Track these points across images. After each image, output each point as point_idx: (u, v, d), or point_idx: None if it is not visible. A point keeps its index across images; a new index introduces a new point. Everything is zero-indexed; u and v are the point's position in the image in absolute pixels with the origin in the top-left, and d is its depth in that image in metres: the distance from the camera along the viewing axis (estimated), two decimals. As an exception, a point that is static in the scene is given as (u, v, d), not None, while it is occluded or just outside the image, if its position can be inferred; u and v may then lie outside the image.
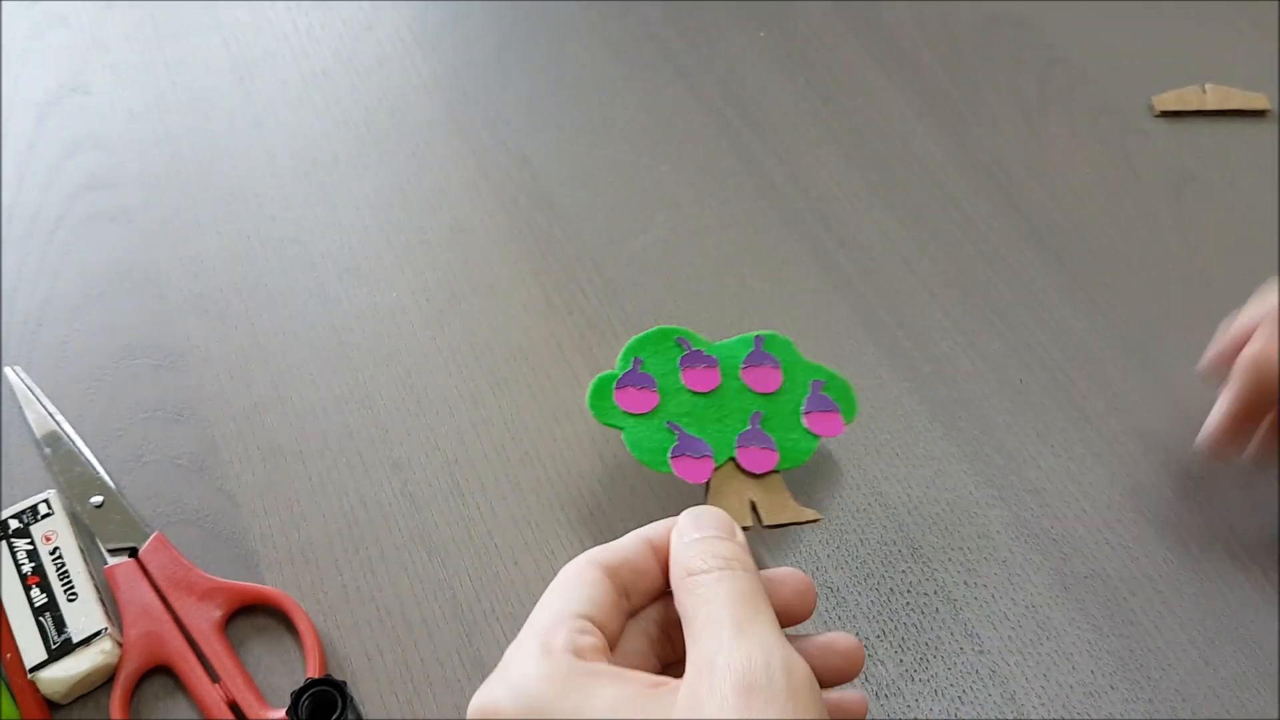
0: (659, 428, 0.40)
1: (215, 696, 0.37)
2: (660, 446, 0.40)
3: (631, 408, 0.41)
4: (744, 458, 0.41)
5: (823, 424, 0.42)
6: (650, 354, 0.42)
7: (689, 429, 0.41)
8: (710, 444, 0.41)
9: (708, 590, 0.30)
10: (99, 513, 0.42)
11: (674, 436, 0.40)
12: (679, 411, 0.41)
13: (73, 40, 0.59)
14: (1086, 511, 0.43)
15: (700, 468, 0.40)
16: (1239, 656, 0.39)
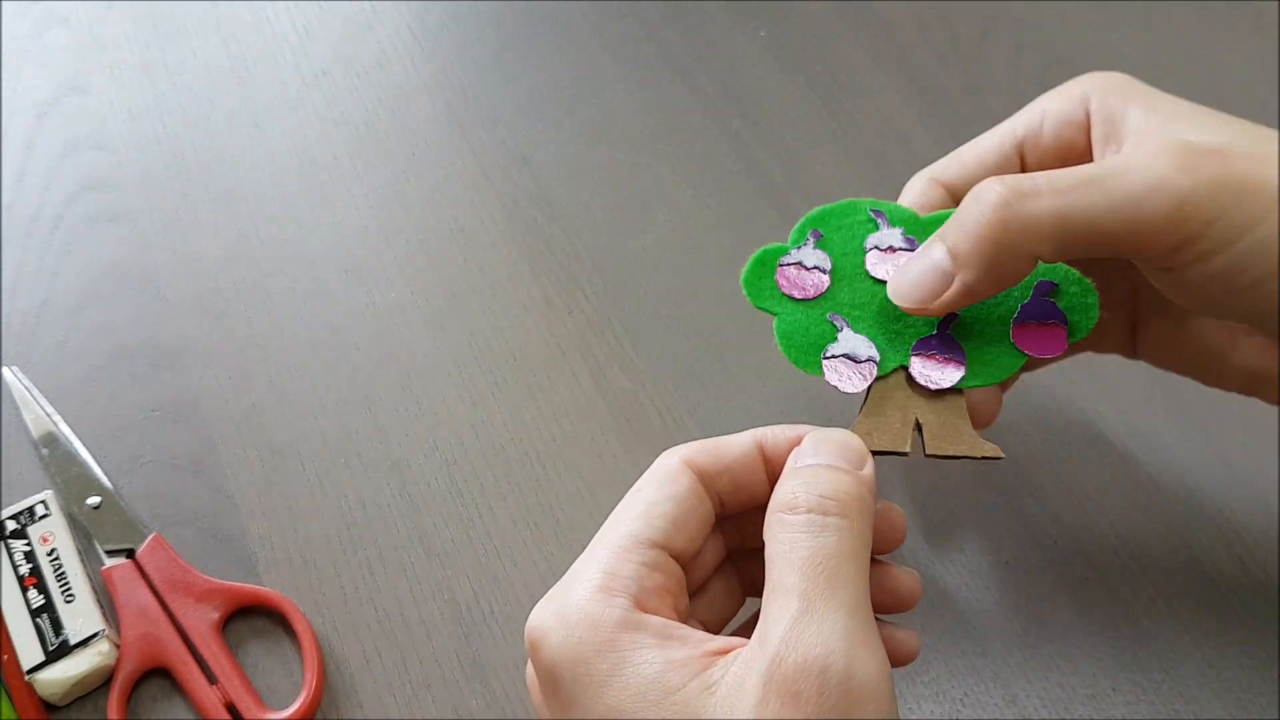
0: (820, 319, 0.34)
1: (213, 698, 0.37)
2: (816, 342, 0.34)
3: (793, 291, 0.34)
4: (919, 368, 0.33)
5: (1038, 340, 0.33)
6: (833, 229, 0.35)
7: (857, 325, 0.34)
8: (879, 346, 0.33)
9: (789, 540, 0.26)
10: (96, 514, 0.42)
11: (835, 332, 0.34)
12: (851, 301, 0.34)
13: (72, 40, 0.59)
14: (1088, 513, 0.42)
15: (858, 373, 0.33)
16: (1241, 658, 0.39)
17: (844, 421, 0.41)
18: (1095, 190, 0.29)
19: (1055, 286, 0.34)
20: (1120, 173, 0.29)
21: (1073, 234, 0.29)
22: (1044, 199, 0.29)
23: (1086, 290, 0.34)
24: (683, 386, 0.46)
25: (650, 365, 0.46)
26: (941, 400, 0.33)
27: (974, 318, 0.34)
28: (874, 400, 0.33)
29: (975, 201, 0.30)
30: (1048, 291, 0.34)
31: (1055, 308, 0.34)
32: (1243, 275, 0.29)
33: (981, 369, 0.33)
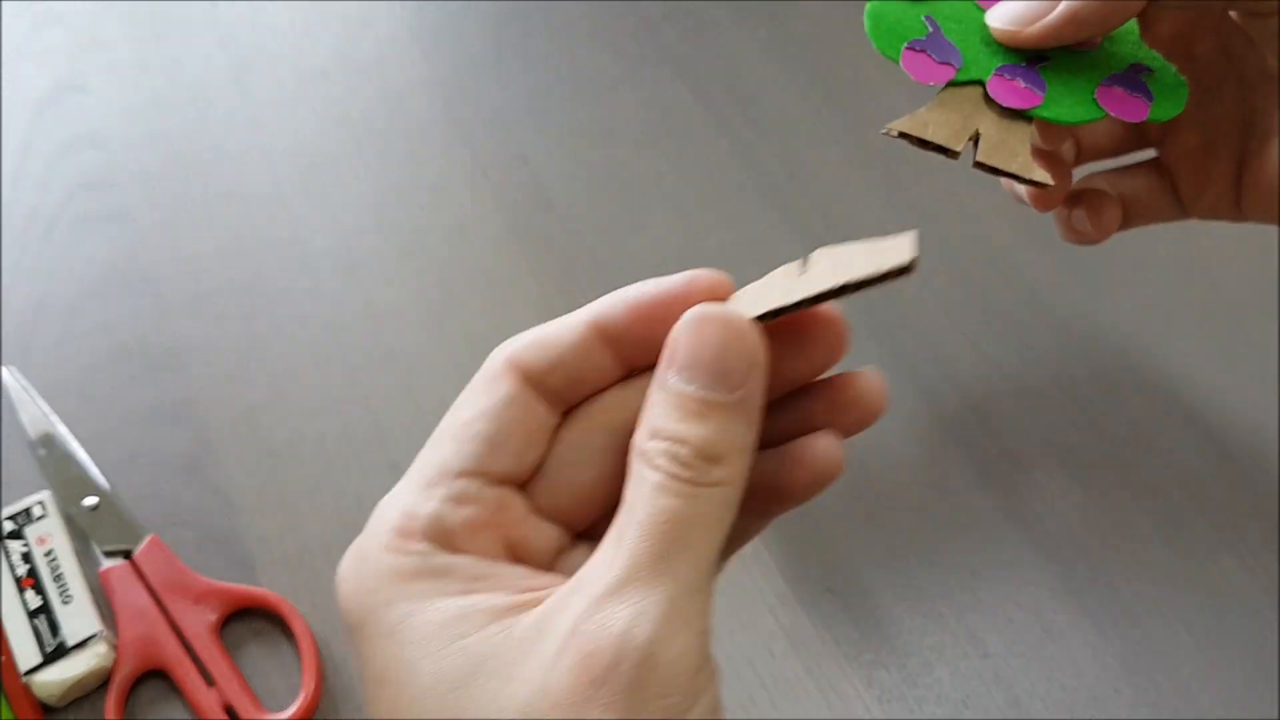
0: (915, 16, 0.34)
1: (210, 700, 0.37)
2: (904, 32, 0.33)
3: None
4: (996, 84, 0.33)
5: (1121, 103, 0.33)
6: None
7: (950, 35, 0.33)
8: (965, 57, 0.33)
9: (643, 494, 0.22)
10: (94, 515, 0.41)
11: (925, 30, 0.33)
12: (950, 15, 0.34)
13: (70, 39, 0.59)
14: (1090, 513, 0.42)
15: (936, 71, 0.33)
16: (1244, 659, 0.39)
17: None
18: None
19: (1150, 71, 0.34)
20: None
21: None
22: None
23: (1179, 81, 0.33)
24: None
25: (650, 365, 0.46)
26: (1009, 121, 0.32)
27: (1065, 67, 0.33)
28: (942, 99, 0.33)
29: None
30: (1141, 72, 0.34)
31: (1144, 85, 0.33)
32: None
33: (1057, 107, 0.32)
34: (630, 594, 0.21)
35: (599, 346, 0.26)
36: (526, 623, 0.22)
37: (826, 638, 0.39)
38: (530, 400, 0.26)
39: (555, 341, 0.26)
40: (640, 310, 0.26)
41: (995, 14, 0.33)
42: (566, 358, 0.26)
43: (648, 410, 0.24)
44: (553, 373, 0.25)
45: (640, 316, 0.26)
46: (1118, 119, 0.32)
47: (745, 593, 0.40)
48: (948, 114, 0.32)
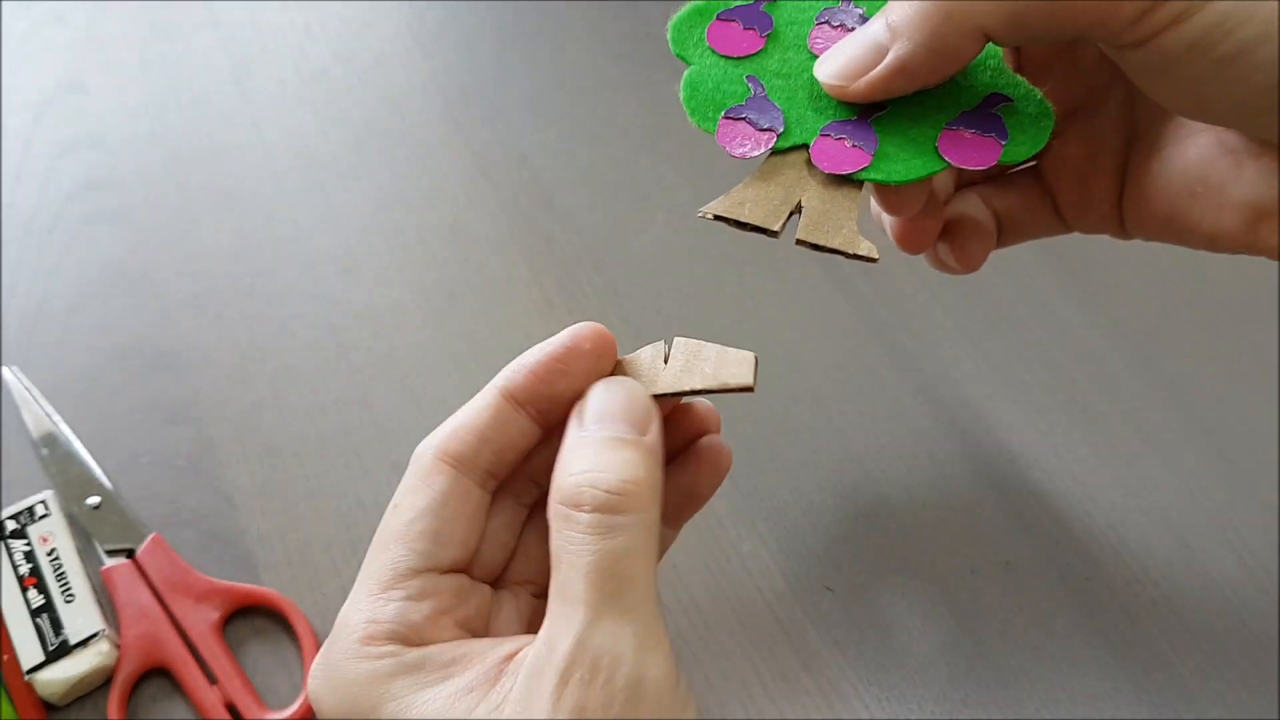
0: (736, 78, 0.31)
1: (213, 698, 0.37)
2: (721, 99, 0.30)
3: (721, 46, 0.31)
4: (820, 147, 0.30)
5: (966, 149, 0.29)
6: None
7: (773, 93, 0.30)
8: (789, 120, 0.30)
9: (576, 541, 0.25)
10: (96, 514, 0.42)
11: (747, 94, 0.30)
12: (777, 70, 0.31)
13: (70, 39, 0.59)
14: (1089, 513, 0.42)
15: (754, 140, 0.30)
16: (1243, 658, 0.39)
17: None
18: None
19: (1009, 102, 0.29)
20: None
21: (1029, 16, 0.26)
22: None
23: (1042, 111, 0.29)
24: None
25: (650, 365, 0.46)
26: (835, 189, 0.29)
27: (904, 114, 0.30)
28: (763, 172, 0.30)
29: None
30: (997, 105, 0.30)
31: (999, 120, 0.29)
32: (1225, 41, 0.24)
33: (889, 165, 0.29)
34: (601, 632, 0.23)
35: (513, 413, 0.28)
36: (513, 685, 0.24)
37: (826, 638, 0.39)
38: (466, 487, 0.27)
39: (475, 424, 0.27)
40: (540, 370, 0.28)
41: (822, 67, 0.30)
42: (488, 434, 0.27)
43: (564, 460, 0.26)
44: (480, 452, 0.27)
45: (542, 376, 0.28)
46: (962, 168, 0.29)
47: (745, 592, 0.40)
48: (768, 188, 0.30)
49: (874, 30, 0.28)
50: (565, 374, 0.28)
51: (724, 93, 0.31)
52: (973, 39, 0.27)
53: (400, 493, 0.27)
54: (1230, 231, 0.30)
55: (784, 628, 0.40)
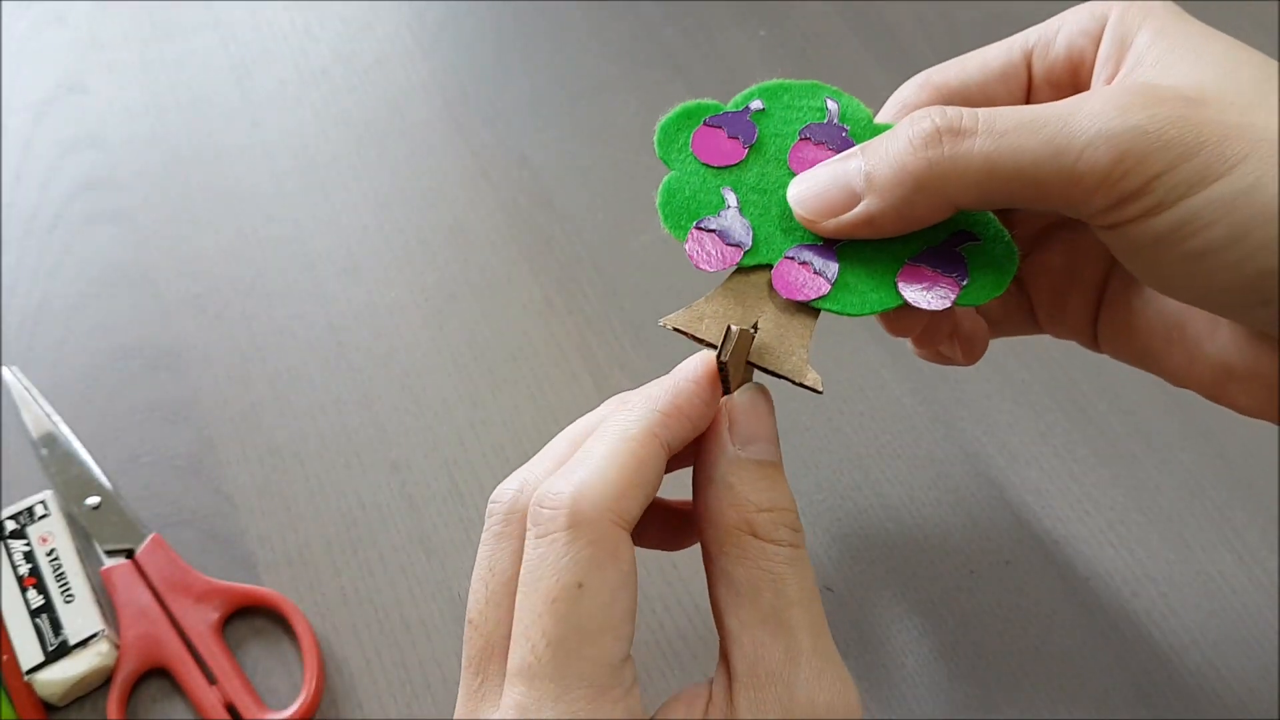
0: (713, 189, 0.31)
1: (212, 699, 0.37)
2: (695, 209, 0.31)
3: (704, 154, 0.31)
4: (782, 271, 0.30)
5: (925, 288, 0.29)
6: (781, 105, 0.32)
7: (747, 208, 0.30)
8: (758, 238, 0.30)
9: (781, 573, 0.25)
10: (96, 514, 0.42)
11: (720, 206, 0.31)
12: (755, 184, 0.31)
13: (71, 39, 0.59)
14: (1089, 512, 0.42)
15: (720, 255, 0.30)
16: (1242, 658, 0.39)
17: (829, 423, 0.40)
18: (1032, 135, 0.26)
19: (975, 240, 0.29)
20: (1063, 117, 0.26)
21: (1000, 181, 0.26)
22: (979, 140, 0.26)
23: (1008, 253, 0.29)
24: (683, 386, 0.46)
25: (650, 365, 0.46)
26: (792, 313, 0.30)
27: (869, 243, 0.30)
28: (725, 289, 0.30)
29: (908, 126, 0.27)
30: (963, 243, 0.29)
31: (961, 260, 0.29)
32: (1192, 239, 0.25)
33: (846, 296, 0.29)
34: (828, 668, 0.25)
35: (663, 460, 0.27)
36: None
37: (826, 636, 0.39)
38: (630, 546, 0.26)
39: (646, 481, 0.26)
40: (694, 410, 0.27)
41: (794, 192, 0.30)
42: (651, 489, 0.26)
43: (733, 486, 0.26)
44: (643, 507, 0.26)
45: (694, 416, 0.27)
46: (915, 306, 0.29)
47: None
48: (728, 305, 0.30)
49: (850, 172, 0.28)
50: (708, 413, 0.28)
51: (699, 203, 0.31)
52: (943, 209, 0.28)
53: (581, 568, 0.24)
54: (1200, 383, 0.31)
55: (784, 628, 0.40)
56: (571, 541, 0.24)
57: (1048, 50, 0.31)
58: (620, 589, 0.24)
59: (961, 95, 0.31)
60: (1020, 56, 0.31)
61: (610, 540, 0.24)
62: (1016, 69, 0.31)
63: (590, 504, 0.24)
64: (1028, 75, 0.31)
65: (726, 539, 0.26)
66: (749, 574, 0.26)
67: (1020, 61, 0.31)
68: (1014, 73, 0.32)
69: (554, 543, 0.24)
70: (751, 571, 0.26)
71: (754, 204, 0.31)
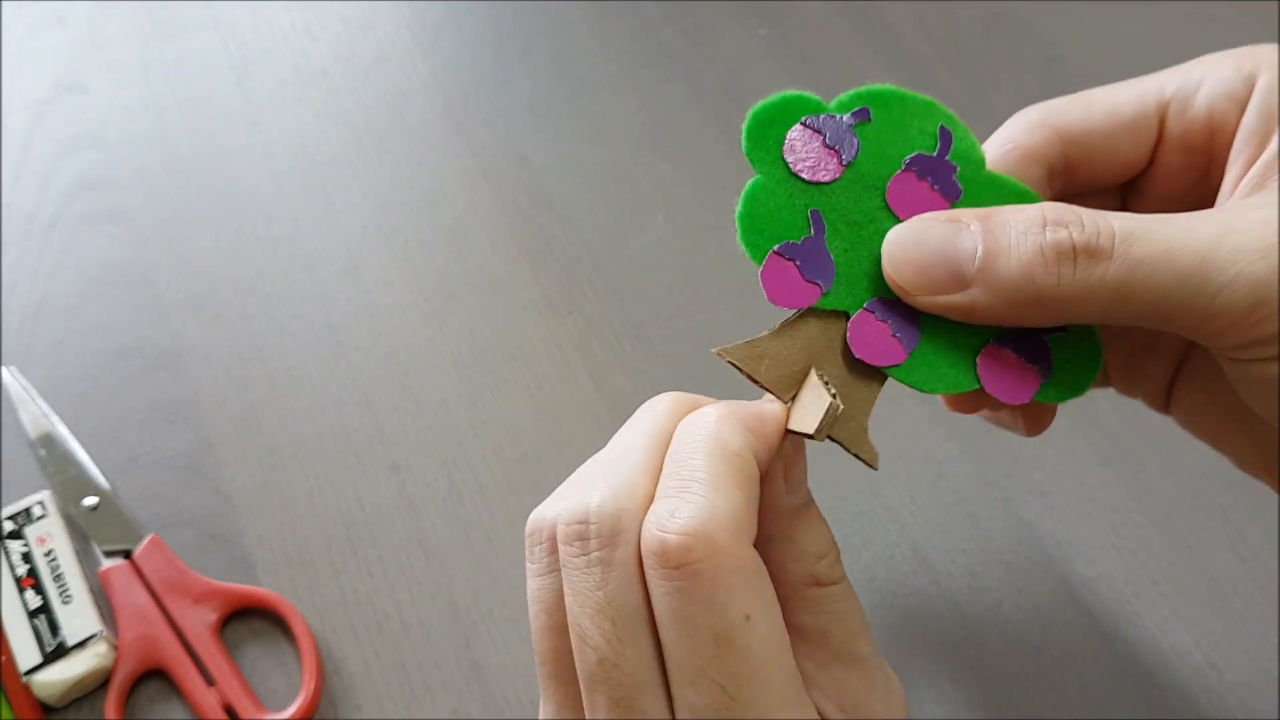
0: (799, 208, 0.27)
1: (211, 700, 0.37)
2: (777, 229, 0.27)
3: (794, 161, 0.28)
4: (859, 328, 0.27)
5: (1005, 377, 0.27)
6: (889, 119, 0.28)
7: (833, 240, 0.27)
8: (839, 278, 0.27)
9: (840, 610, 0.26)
10: (94, 515, 0.41)
11: (805, 232, 0.27)
12: (845, 213, 0.27)
13: (70, 39, 0.59)
14: (1091, 514, 0.42)
15: (795, 291, 0.27)
16: (1243, 659, 0.39)
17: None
18: (1169, 266, 0.24)
19: (1063, 332, 0.27)
20: (1204, 251, 0.24)
21: (1126, 309, 0.25)
22: (1113, 267, 0.24)
23: (1094, 351, 0.27)
24: (683, 387, 0.45)
25: (650, 365, 0.46)
26: (859, 375, 0.27)
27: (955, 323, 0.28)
28: (792, 328, 0.27)
29: (1040, 231, 0.25)
30: (1052, 333, 0.27)
31: (1047, 351, 0.27)
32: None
33: (921, 370, 0.27)
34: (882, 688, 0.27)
35: None
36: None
37: (826, 638, 0.39)
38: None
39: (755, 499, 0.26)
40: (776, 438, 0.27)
41: (892, 252, 0.27)
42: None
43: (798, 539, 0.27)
44: None
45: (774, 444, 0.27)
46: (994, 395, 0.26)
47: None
48: (792, 348, 0.27)
49: (963, 252, 0.26)
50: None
51: (782, 223, 0.27)
52: (1055, 322, 0.26)
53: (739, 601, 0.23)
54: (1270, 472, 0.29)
55: (784, 629, 0.40)
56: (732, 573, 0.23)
57: (1186, 108, 0.28)
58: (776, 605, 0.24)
59: (1083, 143, 0.29)
60: (1154, 108, 0.29)
61: (755, 564, 0.24)
62: (1149, 121, 0.29)
63: (728, 532, 0.24)
64: (1159, 129, 0.29)
65: (794, 594, 0.26)
66: (818, 620, 0.26)
67: (1154, 114, 0.29)
68: (1145, 125, 0.29)
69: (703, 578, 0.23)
70: (819, 618, 0.26)
71: (841, 236, 0.27)
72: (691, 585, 0.23)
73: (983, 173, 0.28)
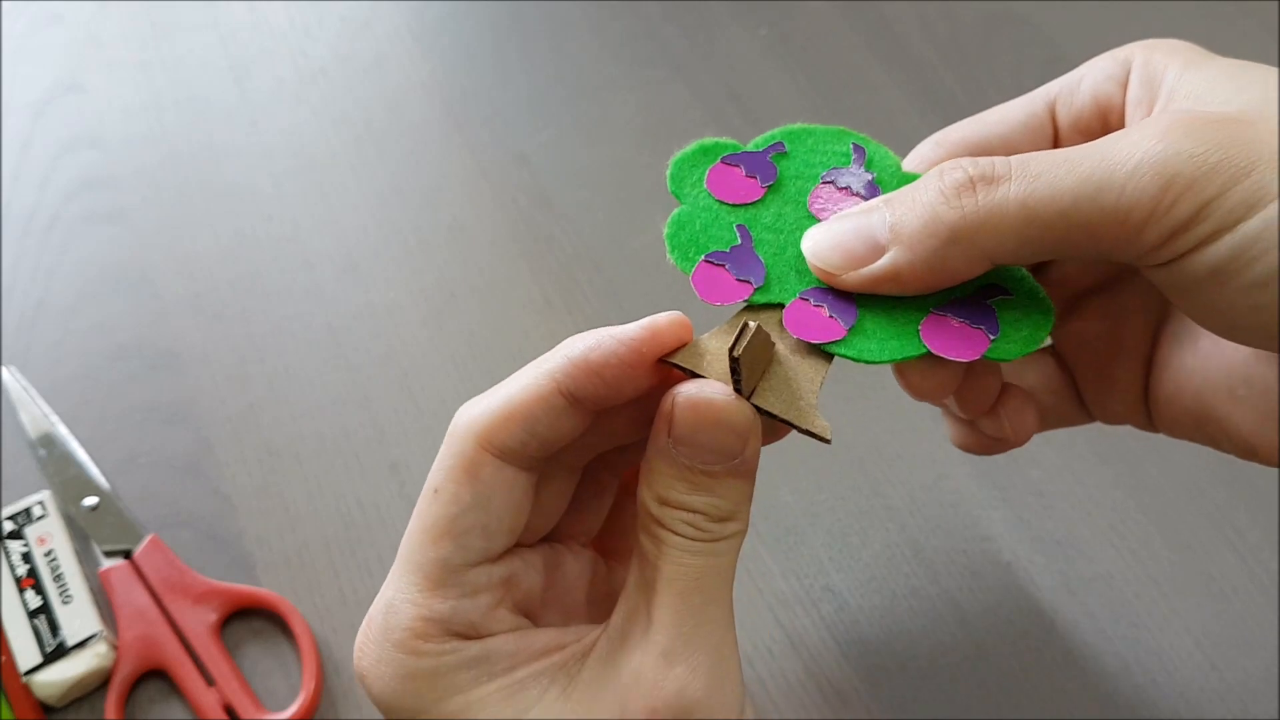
0: (726, 225, 0.29)
1: (211, 700, 0.37)
2: (705, 242, 0.29)
3: (719, 191, 0.30)
4: (796, 312, 0.28)
5: (950, 339, 0.27)
6: (804, 149, 0.30)
7: (761, 247, 0.29)
8: (769, 274, 0.28)
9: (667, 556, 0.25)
10: (94, 515, 0.41)
11: (733, 242, 0.29)
12: (771, 224, 0.29)
13: (69, 38, 0.59)
14: (1090, 513, 0.42)
15: (730, 291, 0.28)
16: (1243, 659, 0.39)
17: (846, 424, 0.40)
18: (1069, 173, 0.24)
19: (1008, 295, 0.28)
20: (1103, 153, 0.24)
21: (1040, 227, 0.24)
22: (1014, 185, 0.24)
23: (1042, 311, 0.27)
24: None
25: (650, 365, 0.46)
26: (802, 357, 0.27)
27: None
28: (732, 324, 0.28)
29: (937, 176, 0.25)
30: (994, 296, 0.28)
31: (992, 313, 0.27)
32: (1253, 265, 0.23)
33: (863, 342, 0.27)
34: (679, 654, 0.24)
35: (567, 408, 0.26)
36: (581, 687, 0.24)
37: (827, 638, 0.39)
38: (511, 476, 0.26)
39: (526, 414, 0.26)
40: (607, 370, 0.26)
41: (810, 243, 0.27)
42: (540, 429, 0.26)
43: (652, 475, 0.25)
44: (527, 445, 0.26)
45: (608, 376, 0.26)
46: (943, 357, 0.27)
47: (745, 593, 0.40)
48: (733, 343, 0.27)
49: (874, 224, 0.26)
50: (634, 378, 0.26)
51: (709, 236, 0.29)
52: (978, 263, 0.26)
53: (440, 475, 0.25)
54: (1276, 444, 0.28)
55: (784, 628, 0.40)
56: (441, 453, 0.26)
57: (1072, 98, 0.29)
58: (473, 506, 0.25)
59: (983, 149, 0.30)
60: (1044, 108, 0.30)
61: (470, 459, 0.25)
62: (1040, 120, 0.30)
63: (465, 425, 0.25)
64: (1053, 126, 0.30)
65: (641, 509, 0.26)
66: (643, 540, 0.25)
67: (1044, 112, 0.29)
68: (1037, 124, 0.30)
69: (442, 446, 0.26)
70: (644, 539, 0.25)
71: (768, 243, 0.29)
72: None
73: (899, 175, 0.30)
